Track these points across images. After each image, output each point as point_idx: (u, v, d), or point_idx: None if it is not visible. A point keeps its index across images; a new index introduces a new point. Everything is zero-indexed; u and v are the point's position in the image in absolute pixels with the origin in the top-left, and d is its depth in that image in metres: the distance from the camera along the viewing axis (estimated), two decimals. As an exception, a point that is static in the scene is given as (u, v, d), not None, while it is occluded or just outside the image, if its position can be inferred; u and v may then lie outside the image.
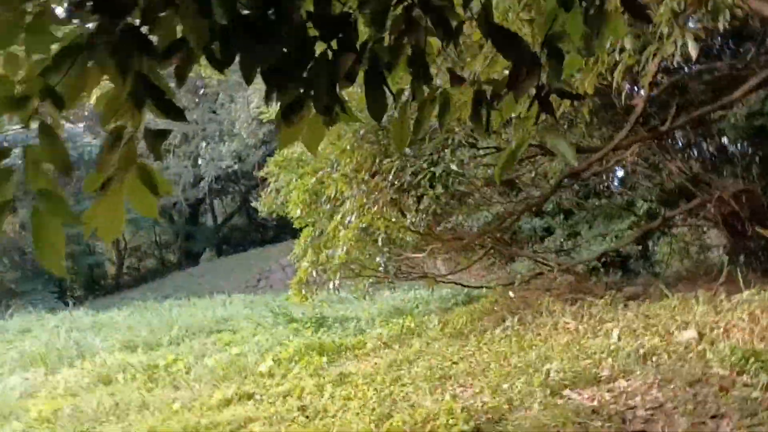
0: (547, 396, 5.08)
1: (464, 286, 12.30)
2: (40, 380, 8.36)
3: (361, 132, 7.75)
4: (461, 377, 6.17)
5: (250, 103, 25.12)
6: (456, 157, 7.37)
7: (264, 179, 23.34)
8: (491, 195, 10.81)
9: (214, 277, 28.84)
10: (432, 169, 7.36)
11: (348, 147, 7.77)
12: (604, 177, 11.88)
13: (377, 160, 7.78)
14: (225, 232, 37.65)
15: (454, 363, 6.80)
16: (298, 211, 9.21)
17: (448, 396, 5.50)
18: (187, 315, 14.71)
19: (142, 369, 8.52)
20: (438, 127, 6.84)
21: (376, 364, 7.49)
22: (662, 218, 9.67)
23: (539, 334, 7.41)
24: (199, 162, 27.15)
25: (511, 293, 9.44)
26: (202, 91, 27.78)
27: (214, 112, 27.69)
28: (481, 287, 12.22)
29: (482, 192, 10.15)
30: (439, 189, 7.33)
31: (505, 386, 5.53)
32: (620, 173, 12.15)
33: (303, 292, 8.50)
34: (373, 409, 5.32)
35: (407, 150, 7.59)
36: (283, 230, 39.61)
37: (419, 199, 7.70)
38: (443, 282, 11.71)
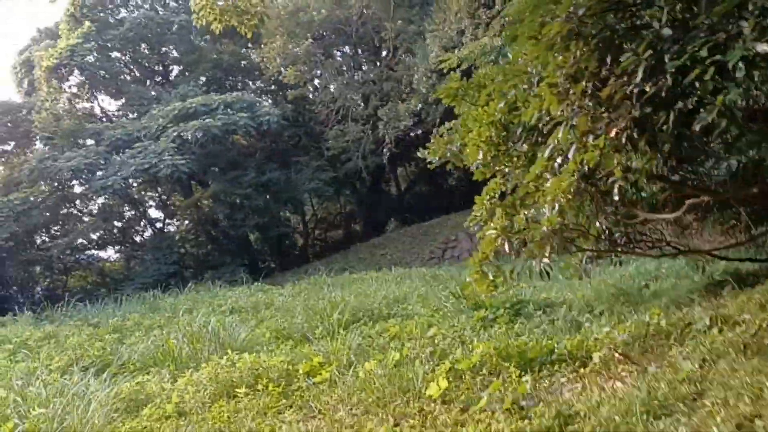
0: None
1: (722, 258, 8.56)
2: (156, 388, 6.51)
3: (580, 11, 4.65)
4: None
5: (429, 53, 22.53)
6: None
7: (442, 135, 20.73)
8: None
9: (397, 249, 27.12)
10: (714, 57, 4.06)
11: (559, 39, 4.73)
12: None
13: (608, 56, 4.64)
14: (408, 199, 35.89)
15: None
16: (479, 155, 6.35)
17: None
18: (356, 293, 12.62)
19: (278, 375, 6.33)
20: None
21: (615, 395, 4.47)
22: None
23: None
24: (378, 126, 25.26)
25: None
26: (376, 47, 25.89)
27: (392, 69, 25.55)
28: (746, 260, 8.45)
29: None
30: (734, 91, 4.00)
31: None
32: None
33: (489, 276, 5.52)
34: None
35: (665, 30, 4.36)
36: (470, 195, 36.62)
37: (687, 115, 4.45)
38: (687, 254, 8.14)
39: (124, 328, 11.32)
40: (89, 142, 26.43)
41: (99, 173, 23.79)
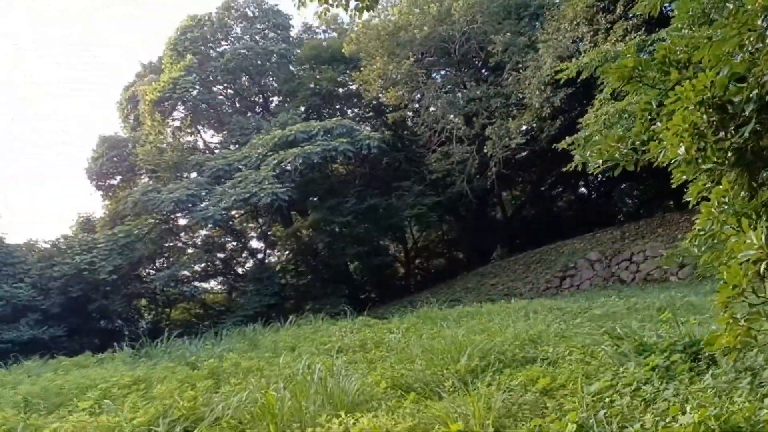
0: None
1: None
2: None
3: None
4: None
5: (543, 65, 20.71)
6: None
7: (569, 149, 18.68)
8: None
9: (508, 278, 25.10)
10: None
11: None
12: None
13: None
14: (515, 225, 33.72)
15: None
16: (680, 150, 4.58)
17: None
18: (479, 330, 10.87)
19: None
20: None
21: None
22: None
23: None
24: (485, 147, 23.57)
25: None
26: (481, 62, 24.35)
27: (499, 85, 23.86)
28: None
29: None
30: None
31: None
32: None
33: (739, 321, 3.52)
34: None
35: None
36: (580, 221, 34.44)
37: None
38: None
39: (220, 370, 10.13)
40: (192, 174, 26.45)
41: (201, 204, 23.51)
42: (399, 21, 24.50)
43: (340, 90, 31.68)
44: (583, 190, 35.41)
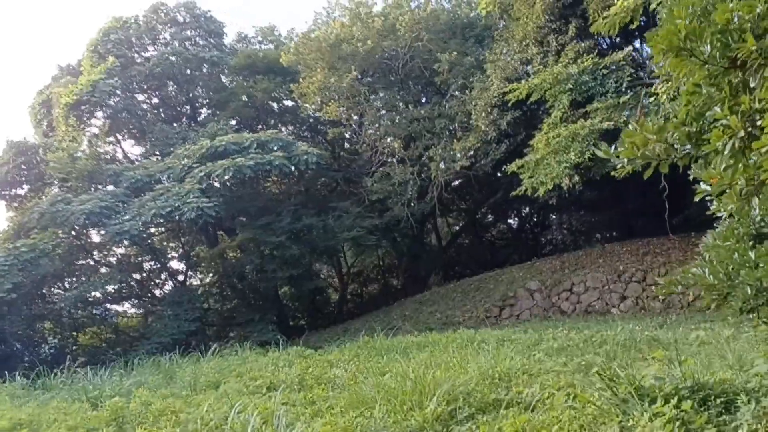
0: None
1: None
2: None
3: None
4: None
5: (489, 86, 19.96)
6: None
7: (518, 172, 17.79)
8: None
9: (446, 306, 23.99)
10: None
11: None
12: None
13: None
14: (451, 253, 32.87)
15: None
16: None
17: None
18: (434, 365, 9.51)
19: None
20: None
21: None
22: None
23: None
24: (429, 169, 22.55)
25: None
26: (425, 82, 23.44)
27: (443, 105, 22.98)
28: None
29: None
30: None
31: None
32: None
33: None
34: None
35: None
36: (514, 250, 34.10)
37: None
38: None
39: (126, 411, 8.31)
40: (109, 187, 24.08)
41: (116, 218, 21.21)
42: (341, 33, 23.30)
43: (275, 105, 30.11)
44: (517, 219, 35.16)
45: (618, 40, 19.48)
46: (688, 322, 15.26)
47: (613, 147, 4.78)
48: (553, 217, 33.18)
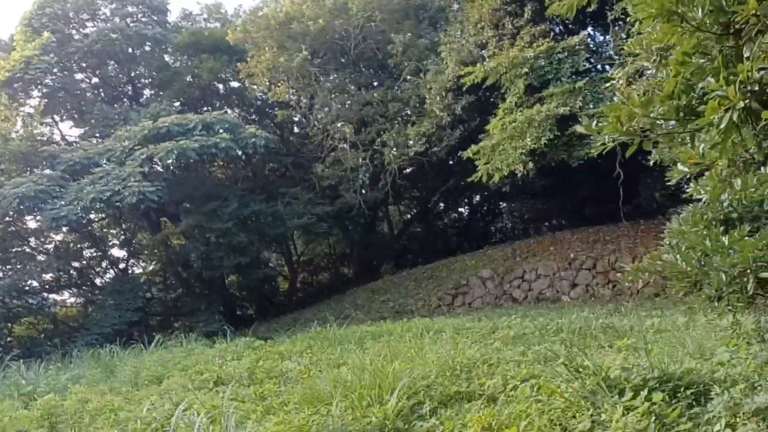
0: None
1: None
2: None
3: None
4: None
5: (444, 69, 19.62)
6: None
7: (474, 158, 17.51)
8: None
9: (399, 294, 23.71)
10: None
11: None
12: None
13: None
14: (404, 240, 32.58)
15: None
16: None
17: None
18: (390, 356, 9.10)
19: None
20: None
21: None
22: None
23: None
24: (382, 155, 22.09)
25: None
26: (378, 64, 22.91)
27: (397, 88, 22.53)
28: None
29: None
30: None
31: None
32: None
33: None
34: None
35: None
36: (466, 239, 34.08)
37: None
38: None
39: (60, 410, 7.63)
40: (46, 171, 22.77)
41: (53, 203, 20.04)
42: (291, 11, 22.50)
43: (221, 86, 29.07)
44: (468, 207, 35.12)
45: (573, 26, 19.41)
46: (638, 309, 15.33)
47: (594, 123, 4.44)
48: (503, 205, 33.27)
